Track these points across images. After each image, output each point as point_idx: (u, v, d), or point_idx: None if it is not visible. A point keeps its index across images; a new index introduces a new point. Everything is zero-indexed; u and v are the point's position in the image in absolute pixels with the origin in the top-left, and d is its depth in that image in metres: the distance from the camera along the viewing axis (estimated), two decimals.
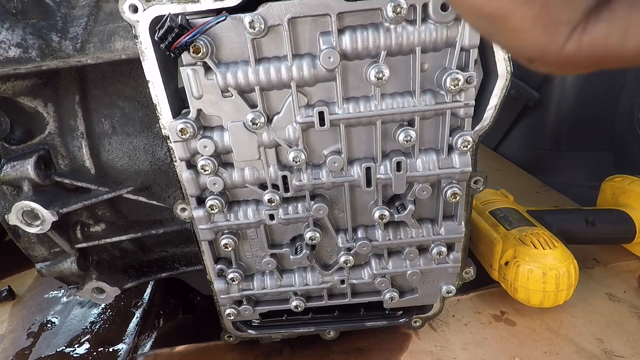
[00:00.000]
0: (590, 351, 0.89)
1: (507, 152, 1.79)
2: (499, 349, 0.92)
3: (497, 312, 1.01)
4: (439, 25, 0.59)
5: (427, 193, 0.73)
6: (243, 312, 0.87)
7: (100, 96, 0.81)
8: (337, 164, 0.69)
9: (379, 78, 0.61)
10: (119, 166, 0.84)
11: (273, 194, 0.71)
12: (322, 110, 0.65)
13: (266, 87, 0.64)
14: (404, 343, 0.96)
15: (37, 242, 0.86)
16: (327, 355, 0.96)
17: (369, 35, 0.60)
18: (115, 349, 1.08)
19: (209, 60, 0.61)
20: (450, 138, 0.69)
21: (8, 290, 1.31)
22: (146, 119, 0.82)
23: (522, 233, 0.98)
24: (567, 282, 0.92)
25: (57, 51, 0.73)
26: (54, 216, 0.77)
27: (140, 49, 0.60)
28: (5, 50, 0.68)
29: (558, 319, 0.97)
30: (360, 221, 0.79)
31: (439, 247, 0.79)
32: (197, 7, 0.58)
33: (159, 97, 0.64)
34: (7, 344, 1.14)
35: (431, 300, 0.90)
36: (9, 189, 0.80)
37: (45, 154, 0.80)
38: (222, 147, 0.68)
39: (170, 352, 1.02)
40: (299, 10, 0.59)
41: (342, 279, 0.84)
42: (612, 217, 1.08)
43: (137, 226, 0.90)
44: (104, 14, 0.77)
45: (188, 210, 0.74)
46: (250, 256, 0.83)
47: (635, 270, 1.08)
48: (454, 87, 0.62)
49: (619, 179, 1.16)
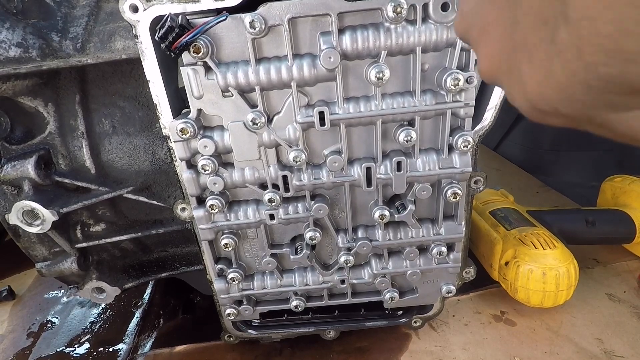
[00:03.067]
0: (590, 351, 0.89)
1: (507, 152, 1.79)
2: (499, 349, 0.92)
3: (497, 312, 1.01)
4: (440, 25, 0.59)
5: (427, 193, 0.73)
6: (243, 312, 0.87)
7: (100, 96, 0.81)
8: (337, 163, 0.69)
9: (379, 78, 0.61)
10: (119, 166, 0.84)
11: (273, 194, 0.71)
12: (322, 110, 0.65)
13: (266, 87, 0.64)
14: (404, 343, 0.96)
15: (37, 242, 0.86)
16: (327, 355, 0.96)
17: (369, 35, 0.60)
18: (115, 349, 1.08)
19: (209, 60, 0.61)
20: (451, 138, 0.69)
21: (8, 290, 1.31)
22: (146, 119, 0.82)
23: (522, 233, 0.98)
24: (567, 282, 0.92)
25: (58, 51, 0.73)
26: (54, 216, 0.77)
27: (141, 48, 0.60)
28: (5, 50, 0.69)
29: (558, 319, 0.97)
30: (360, 221, 0.79)
31: (439, 247, 0.79)
32: (197, 7, 0.58)
33: (159, 97, 0.64)
34: (7, 344, 1.14)
35: (431, 300, 0.90)
36: (9, 188, 0.80)
37: (45, 153, 0.80)
38: (223, 147, 0.68)
39: (170, 352, 1.02)
40: (299, 10, 0.59)
41: (342, 279, 0.84)
42: (612, 217, 1.08)
43: (137, 226, 0.90)
44: (104, 13, 0.77)
45: (188, 210, 0.74)
46: (251, 256, 0.83)
47: (635, 270, 1.08)
48: (455, 87, 0.62)
49: (619, 179, 1.16)
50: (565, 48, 0.22)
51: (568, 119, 0.25)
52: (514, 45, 0.26)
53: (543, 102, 0.25)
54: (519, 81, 0.26)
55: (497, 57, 0.29)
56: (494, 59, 0.29)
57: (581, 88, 0.22)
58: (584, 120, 0.24)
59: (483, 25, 0.30)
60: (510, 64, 0.27)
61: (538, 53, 0.24)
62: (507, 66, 0.28)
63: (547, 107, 0.25)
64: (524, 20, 0.25)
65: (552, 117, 0.26)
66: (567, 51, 0.22)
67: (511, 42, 0.26)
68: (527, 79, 0.25)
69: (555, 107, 0.24)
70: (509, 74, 0.28)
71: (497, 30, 0.28)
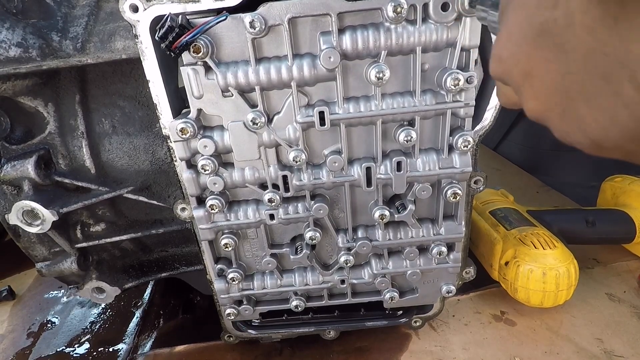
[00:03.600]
0: (590, 351, 0.89)
1: (507, 152, 1.79)
2: (499, 349, 0.92)
3: (497, 312, 1.01)
4: (440, 25, 0.59)
5: (427, 193, 0.73)
6: (243, 312, 0.87)
7: (100, 96, 0.81)
8: (337, 163, 0.69)
9: (379, 78, 0.61)
10: (119, 166, 0.84)
11: (273, 194, 0.71)
12: (322, 110, 0.65)
13: (266, 86, 0.64)
14: (404, 343, 0.96)
15: (37, 242, 0.86)
16: (327, 355, 0.96)
17: (369, 35, 0.60)
18: (115, 349, 1.08)
19: (209, 60, 0.61)
20: (451, 138, 0.69)
21: (8, 290, 1.31)
22: (146, 119, 0.82)
23: (522, 233, 0.98)
24: (567, 282, 0.92)
25: (58, 51, 0.73)
26: (54, 216, 0.77)
27: (141, 48, 0.60)
28: (5, 49, 0.68)
29: (558, 319, 0.97)
30: (360, 221, 0.79)
31: (439, 247, 0.79)
32: (197, 7, 0.58)
33: (159, 97, 0.64)
34: (7, 344, 1.14)
35: (431, 300, 0.90)
36: (9, 188, 0.80)
37: (45, 153, 0.80)
38: (223, 146, 0.68)
39: (170, 352, 1.02)
40: (300, 10, 0.59)
41: (342, 279, 0.84)
42: (612, 217, 1.08)
43: (137, 226, 0.90)
44: (104, 13, 0.77)
45: (188, 210, 0.74)
46: (251, 256, 0.83)
47: (635, 270, 1.08)
48: (455, 87, 0.62)
49: (619, 179, 1.16)
50: (634, 102, 0.24)
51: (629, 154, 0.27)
52: (568, 90, 0.28)
53: (606, 140, 0.27)
54: (577, 122, 0.28)
55: (547, 100, 0.30)
56: (543, 100, 0.30)
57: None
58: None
59: (527, 71, 0.30)
60: (564, 107, 0.28)
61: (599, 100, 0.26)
62: (560, 109, 0.29)
63: (610, 144, 0.27)
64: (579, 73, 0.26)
65: (613, 152, 0.28)
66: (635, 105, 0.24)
67: (565, 87, 0.28)
68: (587, 120, 0.27)
69: (619, 145, 0.26)
70: (562, 116, 0.29)
71: (546, 77, 0.29)
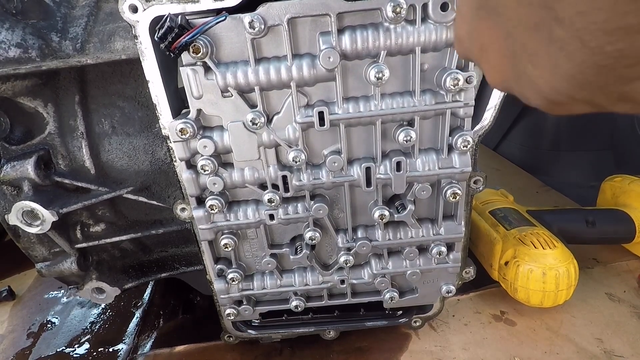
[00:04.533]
0: (590, 351, 0.89)
1: (507, 152, 1.79)
2: (499, 349, 0.92)
3: (497, 312, 1.01)
4: (439, 25, 0.59)
5: (427, 193, 0.73)
6: (243, 312, 0.87)
7: (100, 96, 0.81)
8: (337, 163, 0.69)
9: (378, 78, 0.61)
10: (118, 166, 0.84)
11: (273, 194, 0.71)
12: (322, 110, 0.65)
13: (266, 87, 0.64)
14: (404, 343, 0.96)
15: (37, 242, 0.86)
16: (327, 355, 0.96)
17: (368, 35, 0.60)
18: (115, 349, 1.08)
19: (208, 60, 0.61)
20: (450, 138, 0.69)
21: (8, 290, 1.31)
22: (146, 119, 0.82)
23: (522, 233, 0.98)
24: (567, 282, 0.92)
25: (57, 51, 0.73)
26: (54, 216, 0.77)
27: (140, 49, 0.60)
28: (5, 50, 0.69)
29: (558, 319, 0.97)
30: (360, 221, 0.79)
31: (438, 247, 0.79)
32: (197, 7, 0.58)
33: (158, 97, 0.64)
34: (7, 344, 1.14)
35: (431, 300, 0.90)
36: (9, 189, 0.80)
37: (45, 154, 0.80)
38: (222, 147, 0.68)
39: (170, 352, 1.02)
40: (299, 10, 0.59)
41: (342, 279, 0.84)
42: (612, 217, 1.08)
43: (137, 226, 0.90)
44: (103, 14, 0.77)
45: (188, 210, 0.74)
46: (250, 256, 0.83)
47: (635, 270, 1.08)
48: (454, 87, 0.62)
49: (619, 179, 1.16)
50: (566, 43, 0.24)
51: (587, 103, 0.27)
52: (514, 53, 0.29)
53: (557, 95, 0.27)
54: (529, 83, 0.28)
55: (502, 67, 0.31)
56: (499, 70, 0.32)
57: (591, 71, 0.24)
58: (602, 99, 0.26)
59: (480, 45, 0.33)
60: (515, 71, 0.29)
61: (539, 54, 0.26)
62: (513, 73, 0.30)
63: (562, 97, 0.27)
64: (516, 31, 0.27)
65: (571, 106, 0.28)
66: (568, 45, 0.24)
67: (511, 52, 0.29)
68: (536, 79, 0.27)
69: (571, 95, 0.26)
70: (517, 80, 0.30)
71: (494, 45, 0.31)
